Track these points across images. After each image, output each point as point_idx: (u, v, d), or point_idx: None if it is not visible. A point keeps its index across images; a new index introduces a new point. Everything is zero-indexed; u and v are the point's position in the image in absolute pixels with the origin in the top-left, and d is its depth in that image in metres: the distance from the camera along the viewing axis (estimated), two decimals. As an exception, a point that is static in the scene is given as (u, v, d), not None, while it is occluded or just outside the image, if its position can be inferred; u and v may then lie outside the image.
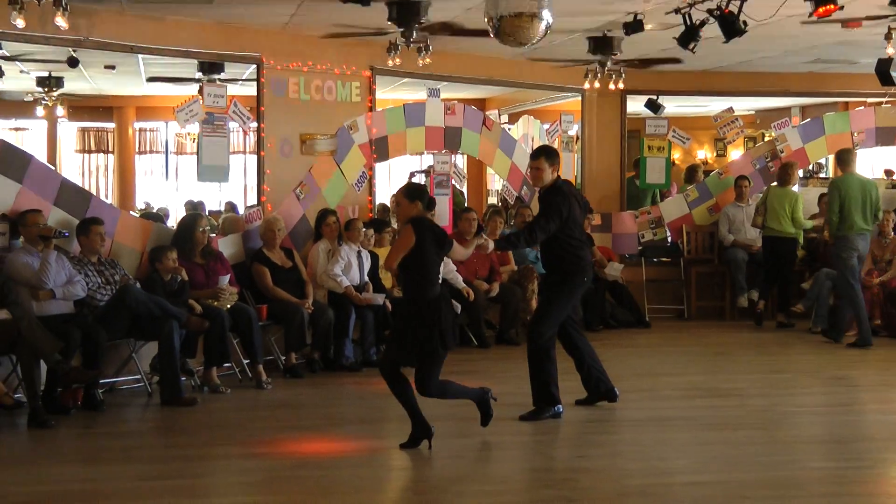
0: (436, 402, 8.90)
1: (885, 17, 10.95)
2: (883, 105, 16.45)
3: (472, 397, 8.47)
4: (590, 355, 9.56)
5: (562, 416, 9.13)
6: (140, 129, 21.54)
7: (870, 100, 16.97)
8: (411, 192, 8.35)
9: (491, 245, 9.14)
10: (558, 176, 9.33)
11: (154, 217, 15.26)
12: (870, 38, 12.51)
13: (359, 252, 12.04)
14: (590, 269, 9.48)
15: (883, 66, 12.20)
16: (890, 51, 11.15)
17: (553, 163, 9.22)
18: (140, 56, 13.31)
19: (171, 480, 7.48)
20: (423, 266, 8.06)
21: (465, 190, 18.12)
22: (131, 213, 15.44)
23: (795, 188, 15.51)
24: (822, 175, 17.70)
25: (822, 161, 18.35)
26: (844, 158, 13.54)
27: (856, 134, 16.30)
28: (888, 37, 10.90)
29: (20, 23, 9.54)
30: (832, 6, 9.36)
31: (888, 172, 18.26)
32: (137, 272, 10.67)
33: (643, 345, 13.69)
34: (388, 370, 8.17)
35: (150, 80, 16.55)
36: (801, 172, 16.56)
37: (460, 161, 18.08)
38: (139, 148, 21.58)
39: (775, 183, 15.18)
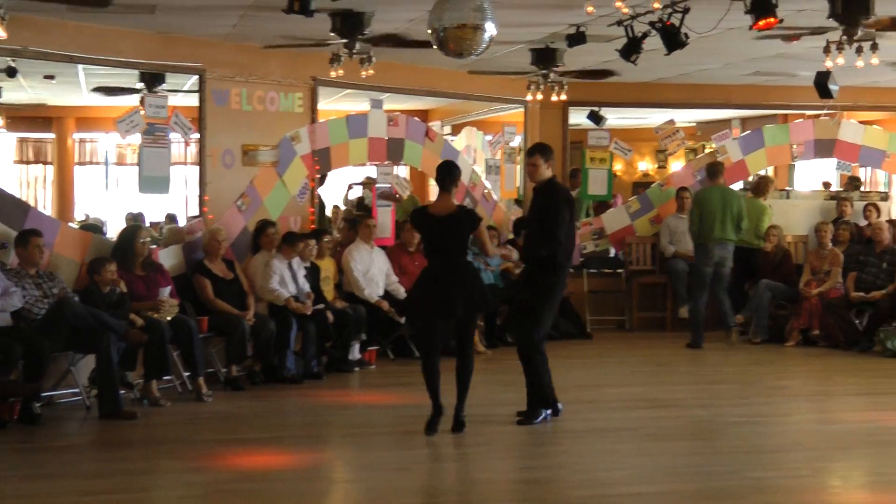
0: (382, 414, 8.89)
1: (825, 30, 11.06)
2: (821, 117, 16.62)
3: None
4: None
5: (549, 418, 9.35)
6: (80, 140, 21.30)
7: (809, 112, 17.16)
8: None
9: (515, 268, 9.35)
10: (553, 174, 9.50)
11: (93, 228, 15.11)
12: (809, 52, 12.65)
13: (289, 264, 11.96)
14: None
15: (821, 79, 12.32)
16: (828, 64, 11.26)
17: (548, 158, 9.38)
18: (80, 66, 13.18)
19: (112, 495, 7.40)
20: None
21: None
22: (71, 224, 15.27)
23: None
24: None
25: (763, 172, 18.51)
26: (711, 171, 14.50)
27: (795, 146, 16.47)
28: (827, 50, 11.01)
29: (-44, 32, 9.42)
30: (772, 19, 9.44)
31: (826, 185, 18.47)
32: (76, 284, 10.56)
33: (585, 356, 13.73)
34: None
35: (94, 90, 16.39)
36: (740, 184, 16.71)
37: (403, 172, 18.05)
38: (79, 159, 21.34)
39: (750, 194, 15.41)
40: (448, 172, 9.06)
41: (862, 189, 17.26)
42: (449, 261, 8.93)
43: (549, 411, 9.39)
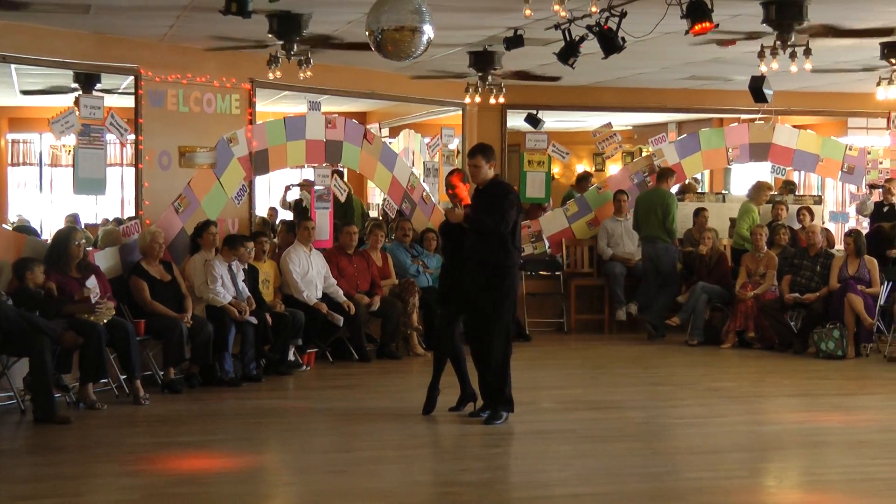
0: (321, 417, 8.88)
1: (759, 35, 11.18)
2: (756, 122, 16.79)
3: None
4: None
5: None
6: (13, 141, 21.02)
7: (743, 116, 17.33)
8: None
9: (458, 212, 9.34)
10: (496, 174, 9.58)
11: (27, 230, 14.93)
12: (744, 56, 12.79)
13: (229, 266, 11.90)
14: None
15: (756, 84, 12.46)
16: (763, 68, 11.37)
17: (489, 159, 9.49)
18: (13, 66, 13.02)
19: (47, 500, 7.31)
20: None
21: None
22: (4, 226, 15.08)
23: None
24: (699, 191, 17.95)
25: (699, 176, 18.67)
26: (660, 175, 15.65)
27: (730, 150, 16.62)
28: (761, 55, 11.12)
29: None
30: (708, 24, 9.52)
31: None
32: (9, 286, 10.42)
33: (523, 358, 13.70)
34: None
35: (25, 93, 16.20)
36: (676, 187, 16.86)
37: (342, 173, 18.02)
38: (12, 160, 21.06)
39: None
40: None
41: (796, 193, 17.44)
42: None
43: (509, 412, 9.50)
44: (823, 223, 16.35)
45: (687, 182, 17.07)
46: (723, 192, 18.08)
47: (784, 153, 16.71)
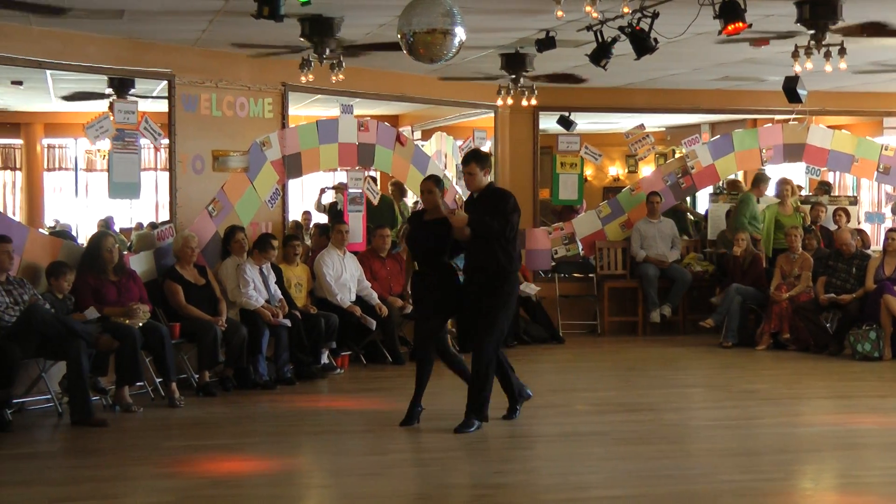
0: (354, 420, 8.91)
1: (793, 35, 11.13)
2: (790, 122, 16.71)
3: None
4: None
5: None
6: (49, 146, 21.20)
7: (777, 117, 17.24)
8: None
9: (462, 215, 9.13)
10: (491, 181, 9.47)
11: (63, 235, 15.03)
12: (777, 56, 12.73)
13: (261, 269, 11.95)
14: None
15: (790, 84, 12.38)
16: (797, 68, 11.30)
17: (484, 166, 9.36)
18: (48, 72, 13.13)
19: (84, 502, 7.36)
20: None
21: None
22: (40, 230, 15.19)
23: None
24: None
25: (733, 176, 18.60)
26: (754, 180, 15.85)
27: (764, 150, 16.55)
28: (795, 55, 11.05)
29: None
30: (741, 24, 9.48)
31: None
32: (46, 290, 10.50)
33: (557, 361, 13.76)
34: None
35: (64, 97, 16.33)
36: (711, 188, 16.79)
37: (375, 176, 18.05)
38: (48, 165, 21.24)
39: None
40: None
41: (831, 194, 17.34)
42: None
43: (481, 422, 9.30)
44: (859, 224, 16.26)
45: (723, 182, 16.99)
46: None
47: (818, 153, 16.62)
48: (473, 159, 9.37)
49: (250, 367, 11.46)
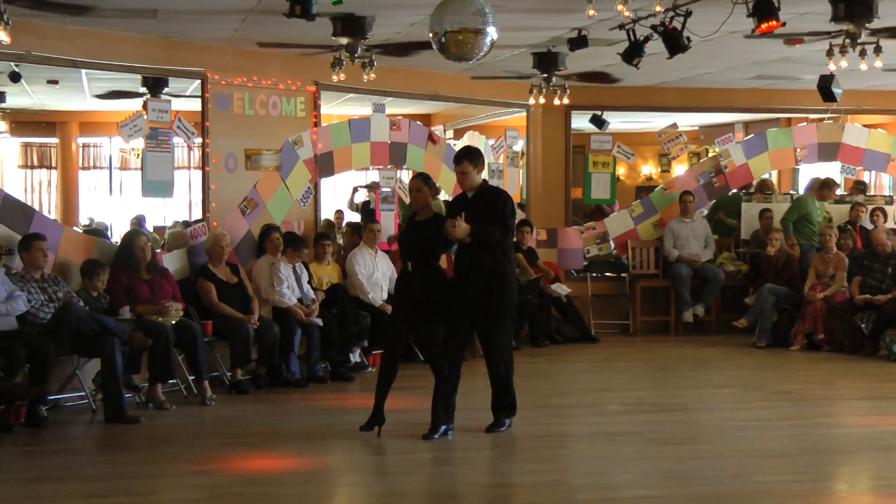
0: (385, 418, 8.92)
1: (827, 33, 11.05)
2: (825, 121, 16.61)
3: None
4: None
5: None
6: (83, 145, 21.34)
7: (812, 116, 17.16)
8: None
9: (464, 226, 8.73)
10: (485, 178, 9.25)
11: (97, 233, 15.11)
12: (812, 55, 12.66)
13: (294, 268, 11.99)
14: None
15: (825, 83, 12.31)
16: (832, 67, 11.22)
17: (477, 164, 9.02)
18: (83, 71, 13.20)
19: (117, 498, 7.40)
20: None
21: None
22: (75, 228, 15.28)
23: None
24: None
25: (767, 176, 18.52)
26: (820, 185, 15.58)
27: (798, 150, 16.46)
28: (829, 53, 10.97)
29: (-41, 37, 9.41)
30: (775, 22, 9.42)
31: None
32: (80, 288, 10.56)
33: (589, 360, 13.73)
34: None
35: (98, 96, 16.42)
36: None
37: (406, 176, 18.06)
38: (83, 163, 21.39)
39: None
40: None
41: (866, 193, 17.23)
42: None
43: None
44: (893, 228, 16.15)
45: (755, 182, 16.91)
46: (790, 192, 17.87)
47: (854, 153, 16.52)
48: (466, 157, 9.00)
49: (282, 365, 11.51)
